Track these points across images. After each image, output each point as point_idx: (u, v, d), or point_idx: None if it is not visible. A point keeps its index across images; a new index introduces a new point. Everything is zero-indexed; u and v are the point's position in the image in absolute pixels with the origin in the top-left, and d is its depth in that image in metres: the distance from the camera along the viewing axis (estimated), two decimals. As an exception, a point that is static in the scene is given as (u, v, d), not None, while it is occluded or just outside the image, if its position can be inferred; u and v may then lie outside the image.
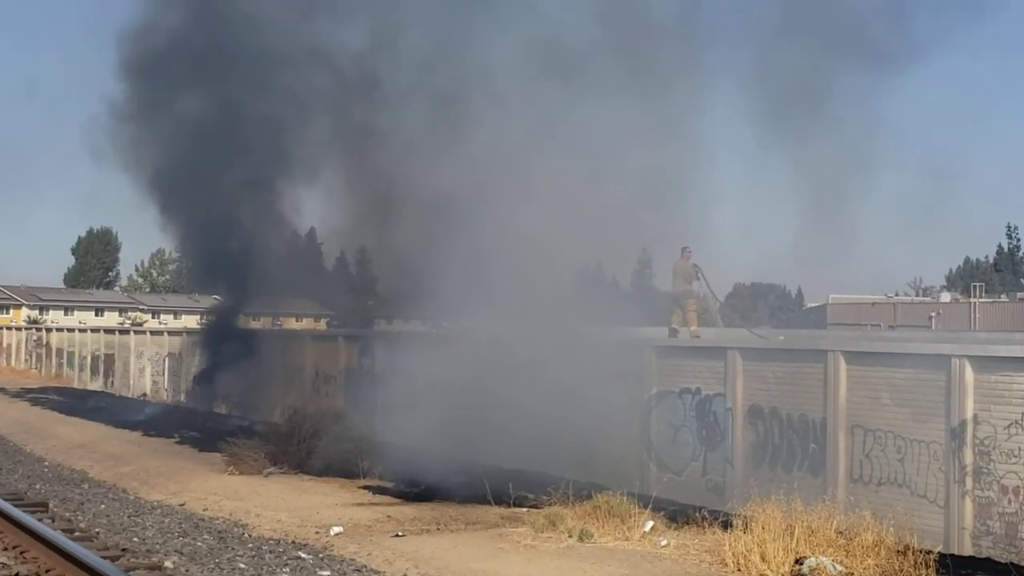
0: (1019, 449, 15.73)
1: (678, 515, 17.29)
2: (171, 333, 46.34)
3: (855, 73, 30.05)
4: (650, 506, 17.00)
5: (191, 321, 52.09)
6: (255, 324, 44.02)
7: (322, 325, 67.46)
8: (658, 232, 27.18)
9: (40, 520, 16.15)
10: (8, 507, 16.57)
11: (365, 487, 20.70)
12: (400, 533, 16.56)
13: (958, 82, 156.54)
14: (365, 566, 14.54)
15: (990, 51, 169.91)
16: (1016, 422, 15.78)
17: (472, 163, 24.58)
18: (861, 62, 30.18)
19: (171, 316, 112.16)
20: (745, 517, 14.76)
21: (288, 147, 34.16)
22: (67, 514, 17.85)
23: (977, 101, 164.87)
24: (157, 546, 15.54)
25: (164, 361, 43.92)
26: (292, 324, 67.61)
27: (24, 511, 16.61)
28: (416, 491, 20.25)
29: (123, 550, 14.79)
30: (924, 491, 16.88)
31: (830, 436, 18.26)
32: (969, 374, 16.43)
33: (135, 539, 16.03)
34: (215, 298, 43.72)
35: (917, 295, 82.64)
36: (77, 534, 15.59)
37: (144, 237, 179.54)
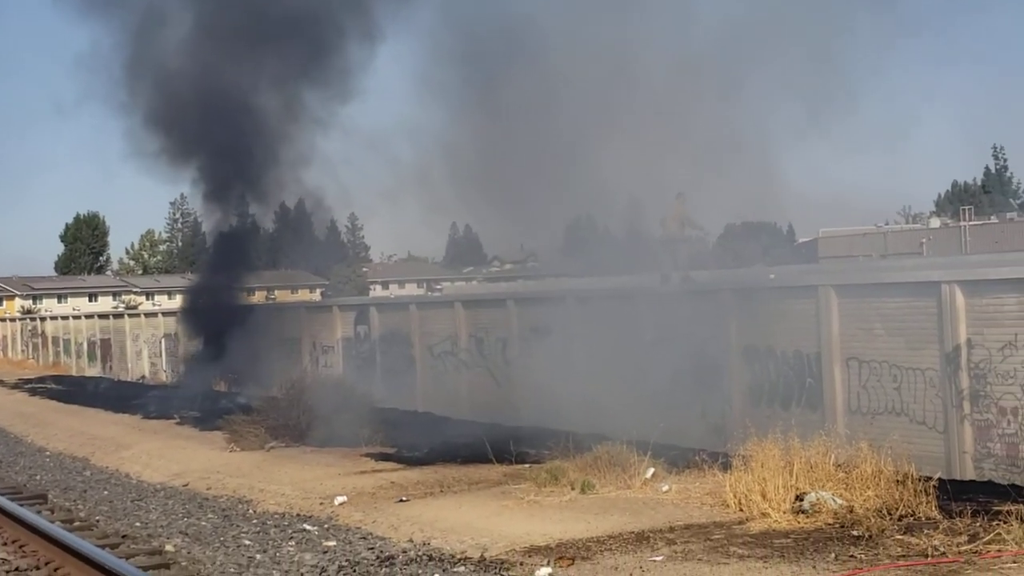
0: (1015, 370, 15.74)
1: (679, 460, 17.31)
2: (166, 314, 46.29)
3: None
4: (649, 453, 17.02)
5: (186, 301, 52.20)
6: (249, 299, 43.93)
7: (316, 295, 67.44)
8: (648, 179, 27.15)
9: (39, 512, 16.16)
10: (4, 501, 16.57)
11: (367, 455, 20.72)
12: (404, 498, 16.58)
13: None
14: (371, 533, 14.58)
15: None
16: (1010, 343, 15.80)
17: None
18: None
19: (165, 296, 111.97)
20: (745, 457, 14.78)
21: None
22: (67, 504, 17.87)
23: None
24: (160, 529, 15.57)
25: (160, 342, 43.91)
26: (287, 296, 67.58)
27: (22, 504, 16.63)
28: (419, 455, 20.28)
29: (123, 536, 14.81)
30: (923, 418, 16.92)
31: (825, 370, 18.29)
32: (960, 299, 16.42)
33: (137, 524, 16.06)
34: (187, 277, 43.41)
35: (907, 223, 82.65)
36: (77, 524, 15.59)
37: (133, 220, 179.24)
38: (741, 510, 14.29)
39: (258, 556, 13.64)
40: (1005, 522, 12.40)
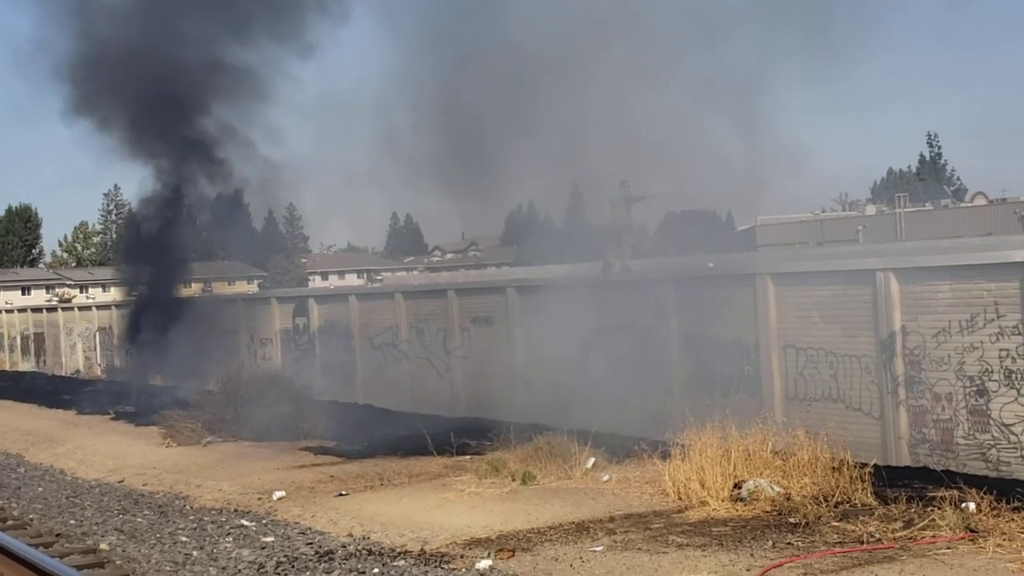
0: (948, 356, 15.92)
1: (619, 449, 17.35)
2: (100, 307, 45.59)
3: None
4: (590, 443, 17.05)
5: (121, 294, 51.42)
6: (185, 291, 43.40)
7: (254, 287, 66.86)
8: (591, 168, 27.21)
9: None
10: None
11: (306, 448, 20.56)
12: (344, 492, 16.47)
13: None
14: (309, 528, 14.46)
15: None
16: (944, 330, 15.97)
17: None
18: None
19: (99, 289, 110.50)
20: (684, 446, 14.84)
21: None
22: (0, 502, 17.54)
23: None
24: (95, 527, 15.32)
25: (95, 336, 43.28)
26: (223, 288, 66.91)
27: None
28: (358, 448, 20.14)
29: (57, 535, 14.57)
30: (859, 404, 17.08)
31: (763, 358, 18.41)
32: (895, 286, 16.58)
33: (72, 521, 15.79)
34: (121, 269, 42.41)
35: (844, 210, 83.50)
36: (10, 523, 15.31)
37: (65, 212, 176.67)
38: (680, 499, 14.36)
39: (195, 553, 13.47)
40: (939, 508, 12.55)
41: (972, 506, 12.63)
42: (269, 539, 13.93)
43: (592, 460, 16.70)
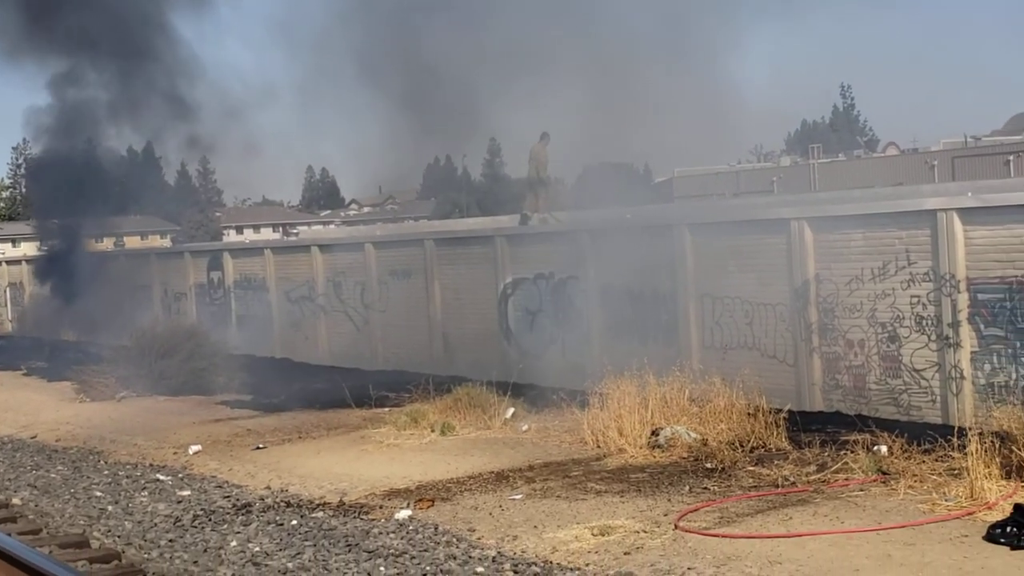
0: (861, 304, 16.16)
1: (539, 399, 17.44)
2: (9, 262, 44.55)
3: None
4: (509, 393, 17.10)
5: (31, 248, 50.22)
6: (98, 246, 42.55)
7: (167, 242, 65.85)
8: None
9: None
10: None
11: (223, 402, 20.36)
12: (261, 445, 16.34)
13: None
14: (227, 482, 14.31)
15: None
16: (856, 277, 16.19)
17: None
18: None
19: (9, 244, 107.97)
20: (602, 395, 14.93)
21: None
22: (-93, 461, 17.13)
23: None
24: (7, 483, 15.03)
25: (6, 292, 42.31)
26: (136, 243, 65.80)
27: None
28: (276, 402, 20.02)
29: (-32, 492, 14.27)
30: (774, 352, 17.29)
31: (681, 307, 18.54)
32: (808, 235, 16.76)
33: (-17, 479, 15.49)
34: (31, 224, 41.26)
35: (759, 161, 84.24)
36: (-82, 482, 14.96)
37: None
38: (599, 447, 14.47)
39: (110, 508, 13.27)
40: (852, 451, 12.79)
41: (884, 449, 12.88)
42: (185, 493, 13.78)
43: (511, 410, 16.76)
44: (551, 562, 10.08)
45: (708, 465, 13.21)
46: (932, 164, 57.82)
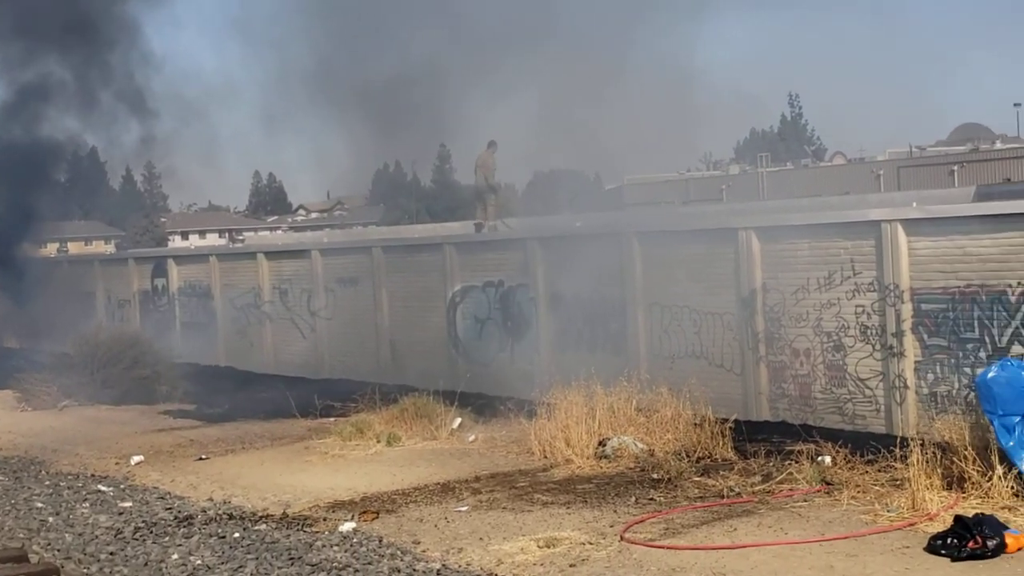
0: (807, 313, 16.25)
1: (486, 409, 17.37)
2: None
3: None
4: (456, 403, 17.01)
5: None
6: (41, 251, 41.95)
7: (111, 248, 65.12)
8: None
9: None
10: None
11: (166, 412, 20.14)
12: (204, 456, 16.14)
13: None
14: (169, 493, 14.11)
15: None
16: (803, 287, 16.28)
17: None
18: None
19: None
20: (549, 404, 14.89)
21: None
22: None
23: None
24: (-57, 496, 14.72)
25: (-56, 298, 41.59)
26: (80, 249, 65.00)
27: None
28: (219, 412, 19.82)
29: (-100, 506, 13.95)
30: (721, 361, 17.34)
31: (630, 316, 18.55)
32: (756, 245, 16.84)
33: (-82, 490, 15.16)
34: None
35: (708, 169, 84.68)
36: None
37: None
38: (546, 457, 14.43)
39: (51, 519, 13.04)
40: (797, 462, 12.85)
41: (828, 460, 12.94)
42: (127, 504, 13.57)
43: (458, 420, 16.68)
44: (496, 574, 10.02)
45: (654, 476, 13.20)
46: (878, 174, 58.36)
